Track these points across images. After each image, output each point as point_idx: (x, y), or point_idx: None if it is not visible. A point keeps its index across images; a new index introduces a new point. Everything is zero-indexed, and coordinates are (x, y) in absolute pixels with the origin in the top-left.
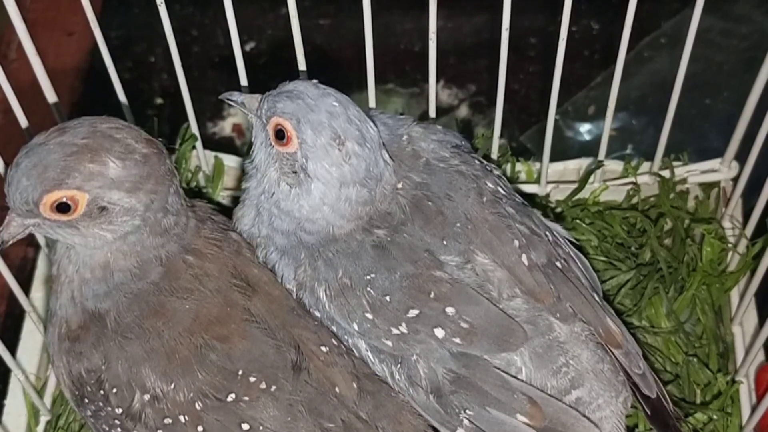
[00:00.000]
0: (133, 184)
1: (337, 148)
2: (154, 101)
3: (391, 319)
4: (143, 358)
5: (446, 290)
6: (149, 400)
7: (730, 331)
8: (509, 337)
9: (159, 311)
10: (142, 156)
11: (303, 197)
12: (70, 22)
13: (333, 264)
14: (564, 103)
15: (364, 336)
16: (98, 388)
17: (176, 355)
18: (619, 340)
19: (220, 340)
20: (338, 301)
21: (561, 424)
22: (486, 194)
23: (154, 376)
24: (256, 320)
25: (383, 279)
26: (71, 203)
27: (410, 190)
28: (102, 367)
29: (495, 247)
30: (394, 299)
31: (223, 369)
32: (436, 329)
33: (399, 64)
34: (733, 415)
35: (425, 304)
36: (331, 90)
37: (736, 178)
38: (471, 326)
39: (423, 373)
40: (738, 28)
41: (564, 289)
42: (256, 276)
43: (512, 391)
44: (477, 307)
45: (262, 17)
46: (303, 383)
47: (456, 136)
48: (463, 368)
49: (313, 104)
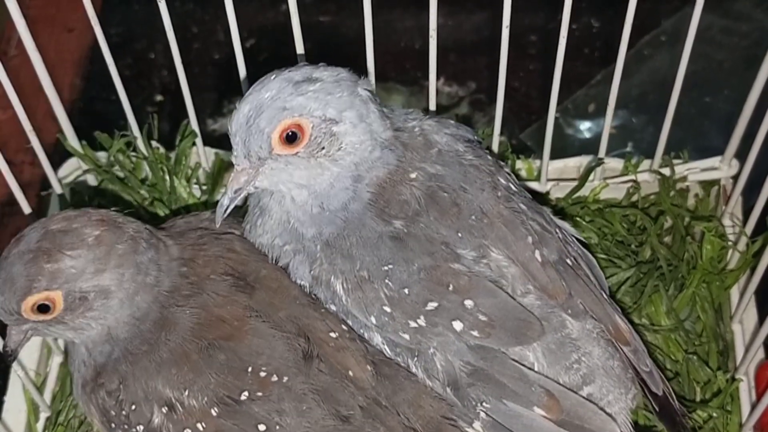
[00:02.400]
0: (96, 266)
1: (318, 84)
2: (154, 98)
3: (409, 312)
4: (155, 371)
5: (465, 283)
6: (167, 413)
7: (730, 329)
8: (526, 330)
9: (163, 324)
10: (95, 239)
11: (345, 149)
12: (71, 18)
13: (351, 256)
14: (564, 100)
15: (381, 329)
16: (120, 409)
17: (186, 361)
18: (628, 338)
19: (226, 339)
20: (356, 295)
21: (578, 417)
22: (500, 189)
23: (168, 386)
24: (260, 315)
25: (401, 271)
26: (49, 303)
27: (425, 182)
28: (120, 387)
29: (509, 242)
30: (413, 292)
31: (233, 368)
32: (454, 322)
33: (399, 61)
34: (732, 412)
35: (444, 296)
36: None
37: (736, 176)
38: (489, 319)
39: (440, 365)
40: (738, 26)
41: (575, 285)
42: (255, 270)
43: (530, 383)
44: (495, 300)
45: (263, 14)
46: (315, 371)
47: (468, 131)
48: (481, 361)
49: (275, 95)
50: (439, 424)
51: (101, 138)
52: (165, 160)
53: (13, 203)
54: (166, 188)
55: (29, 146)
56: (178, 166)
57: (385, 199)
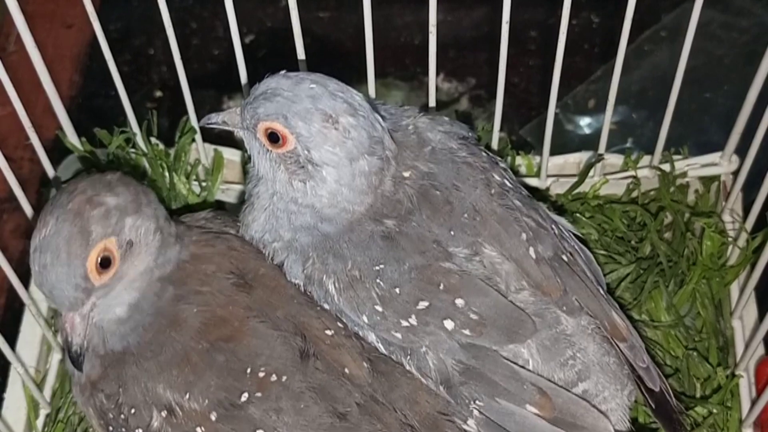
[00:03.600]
0: (133, 205)
1: (333, 127)
2: (153, 94)
3: (400, 312)
4: (158, 372)
5: (455, 281)
6: (166, 416)
7: (730, 325)
8: (518, 329)
9: (174, 321)
10: (119, 181)
11: (319, 187)
12: (69, 14)
13: (342, 256)
14: (564, 96)
15: (373, 328)
16: (118, 413)
17: (187, 363)
18: (625, 334)
19: (225, 341)
20: (347, 294)
21: (570, 415)
22: (494, 186)
23: (169, 389)
24: (258, 314)
25: (392, 270)
26: (109, 254)
27: (417, 180)
28: (119, 390)
29: (503, 239)
30: (404, 291)
31: (233, 369)
32: (445, 321)
33: (399, 57)
34: (732, 408)
35: (435, 295)
36: (303, 73)
37: (737, 172)
38: (480, 317)
39: (432, 364)
40: (738, 21)
41: (570, 282)
42: (254, 269)
43: (522, 381)
44: (486, 299)
45: (262, 10)
46: (312, 369)
47: (462, 128)
48: (473, 359)
49: (292, 95)
50: (435, 420)
51: (100, 134)
52: (164, 157)
53: (12, 199)
54: (165, 185)
55: (28, 143)
56: (178, 162)
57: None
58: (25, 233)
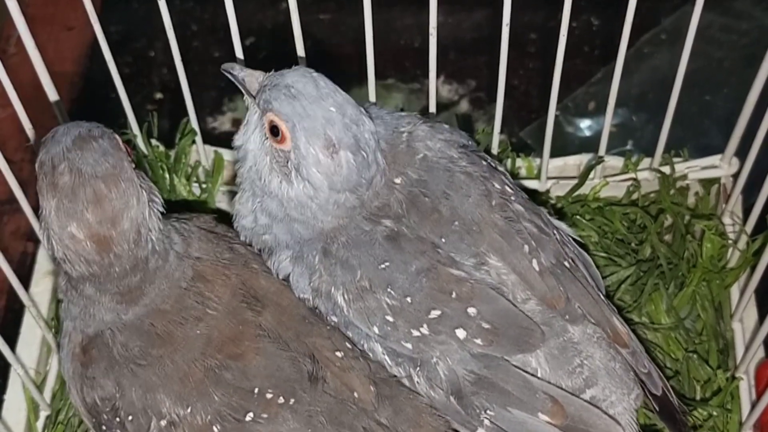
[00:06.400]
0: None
1: (330, 156)
2: (153, 96)
3: (412, 321)
4: (157, 384)
5: (467, 290)
6: (166, 426)
7: (730, 328)
8: (528, 338)
9: (167, 340)
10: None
11: (292, 191)
12: (70, 16)
13: (350, 266)
14: (564, 98)
15: (383, 339)
16: (114, 416)
17: (190, 379)
18: (626, 340)
19: (234, 359)
20: (357, 305)
21: (583, 422)
22: (494, 197)
23: (169, 402)
24: (269, 334)
25: (400, 273)
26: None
27: (407, 187)
28: (116, 394)
29: (505, 252)
30: (416, 300)
31: (239, 388)
32: (457, 330)
33: (399, 59)
34: (733, 411)
35: (447, 304)
36: (330, 87)
37: (737, 175)
38: (492, 327)
39: (443, 374)
40: (738, 24)
41: (573, 288)
42: (264, 288)
43: (534, 390)
44: (497, 307)
45: (262, 12)
46: (321, 393)
47: (462, 136)
48: (485, 369)
49: (310, 108)
50: None
51: None
52: (165, 159)
53: (12, 201)
54: (165, 186)
55: (29, 144)
56: (178, 164)
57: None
58: (26, 235)
